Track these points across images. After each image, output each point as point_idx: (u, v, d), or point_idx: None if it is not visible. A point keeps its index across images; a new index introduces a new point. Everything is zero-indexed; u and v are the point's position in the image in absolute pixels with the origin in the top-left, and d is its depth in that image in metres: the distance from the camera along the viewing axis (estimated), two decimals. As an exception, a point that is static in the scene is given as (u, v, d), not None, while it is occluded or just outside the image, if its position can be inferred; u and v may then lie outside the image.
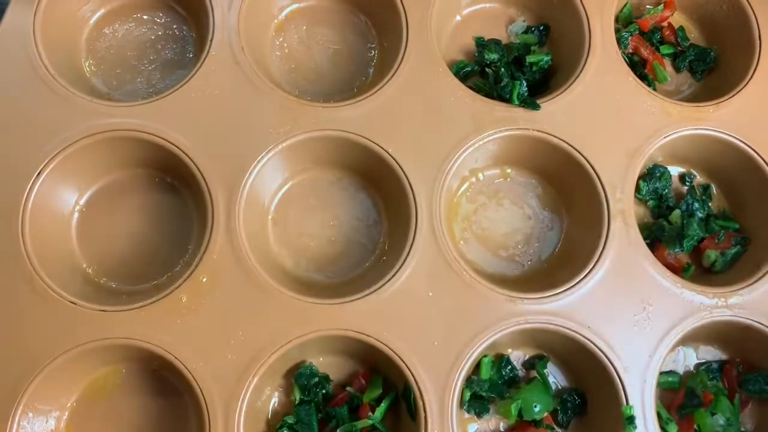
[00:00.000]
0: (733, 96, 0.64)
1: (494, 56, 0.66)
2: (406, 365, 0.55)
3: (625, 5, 0.71)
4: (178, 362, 0.53)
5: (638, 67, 0.68)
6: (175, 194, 0.62)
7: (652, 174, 0.64)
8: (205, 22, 0.62)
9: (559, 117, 0.62)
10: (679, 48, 0.71)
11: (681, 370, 0.62)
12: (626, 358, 0.56)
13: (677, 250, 0.62)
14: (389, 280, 0.56)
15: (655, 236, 0.63)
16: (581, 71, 0.63)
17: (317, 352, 0.59)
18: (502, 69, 0.65)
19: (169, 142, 0.58)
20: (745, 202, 0.65)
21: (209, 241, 0.56)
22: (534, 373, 0.60)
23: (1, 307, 0.54)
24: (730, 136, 0.63)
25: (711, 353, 0.62)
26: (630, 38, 0.69)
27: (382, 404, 0.57)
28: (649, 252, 0.59)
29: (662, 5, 0.71)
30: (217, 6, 0.62)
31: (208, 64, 0.60)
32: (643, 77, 0.67)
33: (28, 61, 0.59)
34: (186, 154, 0.58)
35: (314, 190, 0.63)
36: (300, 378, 0.57)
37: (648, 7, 0.72)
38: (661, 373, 0.58)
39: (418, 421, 0.54)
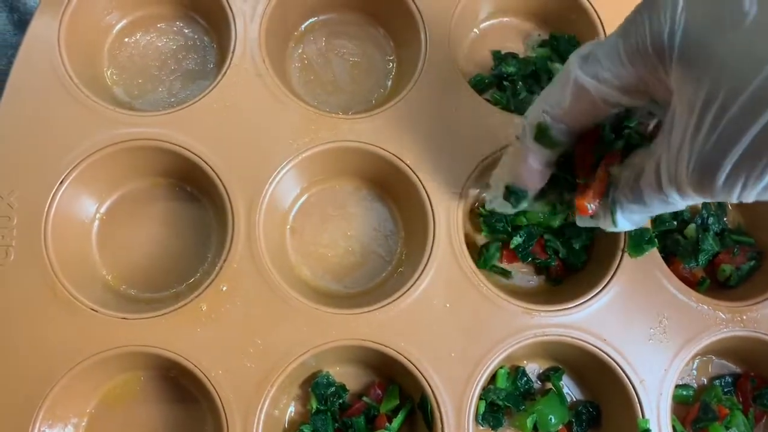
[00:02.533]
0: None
1: (512, 69, 0.66)
2: (423, 375, 0.55)
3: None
4: (198, 370, 0.54)
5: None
6: (195, 203, 0.62)
7: (667, 189, 0.64)
8: (227, 34, 0.62)
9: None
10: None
11: (695, 384, 0.62)
12: (642, 372, 0.56)
13: (692, 264, 0.63)
14: (407, 290, 0.57)
15: (671, 250, 0.63)
16: (598, 85, 0.64)
17: (334, 362, 0.59)
18: (520, 82, 0.66)
19: (190, 151, 0.59)
20: (759, 217, 0.65)
21: (230, 251, 0.56)
22: (549, 385, 0.61)
23: (25, 315, 0.54)
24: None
25: (725, 367, 0.63)
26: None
27: (399, 415, 0.57)
28: (665, 266, 0.59)
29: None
30: (239, 18, 0.62)
31: (229, 75, 0.61)
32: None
33: (53, 70, 0.60)
34: (207, 164, 0.58)
35: (332, 200, 0.64)
36: (317, 387, 0.57)
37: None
38: (676, 387, 0.58)
39: (435, 431, 0.54)
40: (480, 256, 0.62)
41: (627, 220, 0.46)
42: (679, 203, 0.40)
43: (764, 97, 0.31)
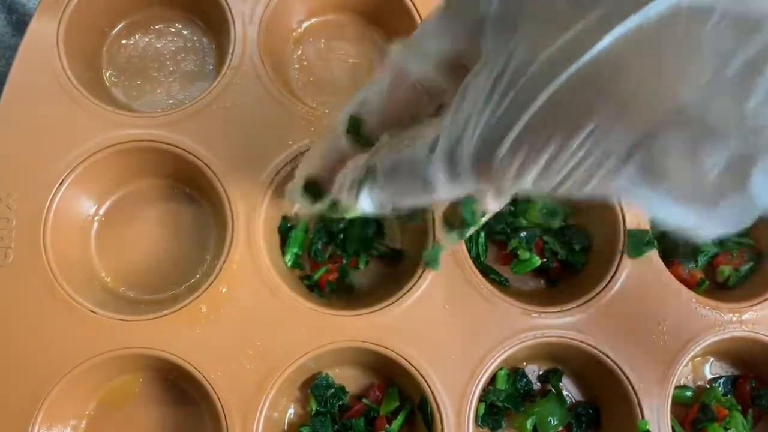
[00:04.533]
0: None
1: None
2: (423, 377, 0.55)
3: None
4: (197, 372, 0.54)
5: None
6: (194, 205, 0.62)
7: (666, 190, 0.64)
8: (226, 35, 0.62)
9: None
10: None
11: (694, 385, 0.62)
12: (641, 373, 0.56)
13: (691, 265, 0.63)
14: (406, 292, 0.57)
15: (670, 252, 0.63)
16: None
17: (333, 364, 0.59)
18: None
19: (189, 153, 0.58)
20: (758, 219, 0.65)
21: (229, 252, 0.56)
22: (549, 387, 0.61)
23: (23, 316, 0.54)
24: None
25: (724, 368, 0.63)
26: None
27: (399, 417, 0.57)
28: (664, 267, 0.59)
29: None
30: (238, 19, 0.62)
31: (228, 76, 0.61)
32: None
33: (51, 71, 0.59)
34: (206, 165, 0.58)
35: (331, 202, 0.64)
36: (316, 389, 0.57)
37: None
38: (675, 388, 0.58)
39: (435, 433, 0.54)
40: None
41: (369, 199, 0.40)
42: (438, 187, 0.35)
43: (563, 59, 0.28)
